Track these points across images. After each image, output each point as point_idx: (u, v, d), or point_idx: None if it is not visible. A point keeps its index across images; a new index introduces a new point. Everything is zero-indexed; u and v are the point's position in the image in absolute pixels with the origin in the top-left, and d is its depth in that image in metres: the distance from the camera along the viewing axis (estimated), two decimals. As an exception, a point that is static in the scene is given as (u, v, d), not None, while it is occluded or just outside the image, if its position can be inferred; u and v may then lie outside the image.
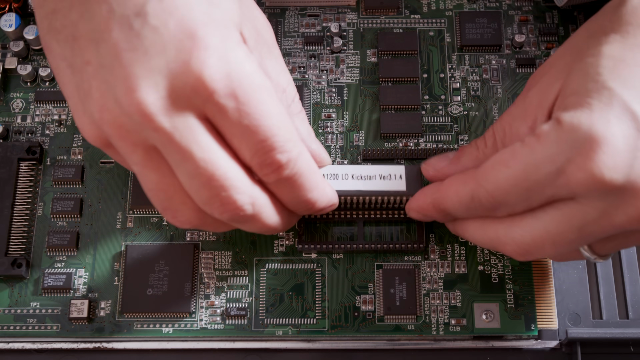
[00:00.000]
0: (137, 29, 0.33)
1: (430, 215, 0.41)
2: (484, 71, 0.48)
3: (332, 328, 0.43)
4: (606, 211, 0.33)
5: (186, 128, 0.33)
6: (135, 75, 0.32)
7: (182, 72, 0.32)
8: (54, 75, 0.36)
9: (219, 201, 0.35)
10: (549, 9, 0.50)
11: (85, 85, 0.34)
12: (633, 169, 0.32)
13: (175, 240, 0.45)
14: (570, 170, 0.33)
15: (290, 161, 0.35)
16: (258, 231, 0.39)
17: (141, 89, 0.32)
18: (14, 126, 0.48)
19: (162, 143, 0.33)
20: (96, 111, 0.34)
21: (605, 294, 0.44)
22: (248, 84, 0.34)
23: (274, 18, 0.50)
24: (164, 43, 0.32)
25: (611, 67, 0.34)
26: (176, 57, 0.32)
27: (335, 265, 0.44)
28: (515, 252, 0.37)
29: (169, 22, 0.33)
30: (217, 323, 0.43)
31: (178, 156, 0.33)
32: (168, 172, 0.35)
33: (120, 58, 0.33)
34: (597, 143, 0.32)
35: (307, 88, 0.48)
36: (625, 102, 0.33)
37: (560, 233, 0.35)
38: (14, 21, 0.49)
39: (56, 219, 0.45)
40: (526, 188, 0.35)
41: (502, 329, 0.43)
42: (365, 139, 0.47)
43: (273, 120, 0.34)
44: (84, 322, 0.43)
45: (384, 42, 0.49)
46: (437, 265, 0.44)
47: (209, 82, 0.33)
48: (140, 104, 0.32)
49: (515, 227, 0.36)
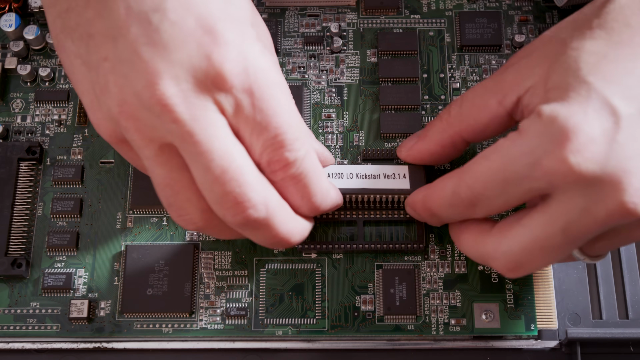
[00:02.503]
0: (155, 24, 0.33)
1: (420, 213, 0.41)
2: (484, 71, 0.48)
3: (332, 328, 0.43)
4: (586, 208, 0.33)
5: (206, 120, 0.34)
6: (155, 68, 0.33)
7: (203, 66, 0.33)
8: (67, 74, 0.37)
9: (233, 198, 0.34)
10: (549, 9, 0.50)
11: (102, 80, 0.34)
12: (610, 160, 0.32)
13: (175, 240, 0.45)
14: (546, 161, 0.33)
15: (297, 160, 0.36)
16: (267, 240, 0.38)
17: (162, 81, 0.33)
18: (14, 126, 0.48)
19: (179, 135, 0.33)
20: (114, 105, 0.34)
21: (605, 294, 0.44)
22: (263, 79, 0.34)
23: (274, 18, 0.50)
24: (183, 37, 0.33)
25: (593, 62, 0.34)
26: (197, 52, 0.33)
27: (335, 265, 0.44)
28: (506, 266, 0.36)
29: (188, 17, 0.33)
30: (217, 323, 0.43)
31: (195, 149, 0.34)
32: (177, 168, 0.35)
33: (139, 52, 0.33)
34: (573, 133, 0.32)
35: (307, 88, 0.48)
36: (604, 96, 0.33)
37: (547, 237, 0.34)
38: (14, 21, 0.49)
39: (56, 219, 0.45)
40: (503, 180, 0.34)
41: (502, 329, 0.43)
42: (365, 139, 0.47)
43: (284, 117, 0.35)
44: (84, 322, 0.43)
45: (384, 42, 0.49)
46: (437, 265, 0.44)
47: (228, 76, 0.33)
48: (161, 96, 0.33)
49: (503, 238, 0.36)
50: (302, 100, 0.47)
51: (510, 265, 0.36)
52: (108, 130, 0.36)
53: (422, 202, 0.40)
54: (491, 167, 0.35)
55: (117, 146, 0.37)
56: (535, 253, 0.35)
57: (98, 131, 0.37)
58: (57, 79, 0.49)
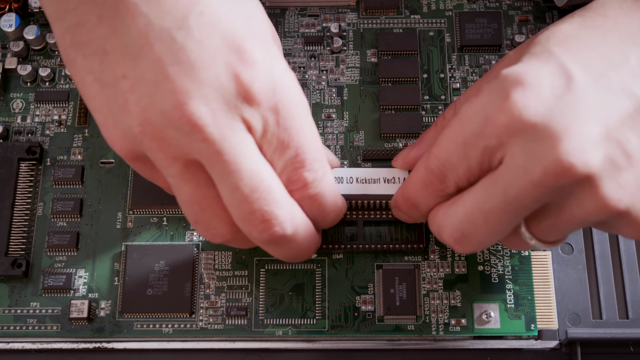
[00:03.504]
0: (180, 42, 0.32)
1: (402, 208, 0.40)
2: (484, 71, 0.48)
3: (332, 328, 0.43)
4: (525, 166, 0.32)
5: (235, 139, 0.33)
6: (183, 88, 0.32)
7: (232, 86, 0.33)
8: (77, 88, 0.36)
9: (260, 216, 0.34)
10: (549, 9, 0.50)
11: (120, 99, 0.34)
12: (554, 115, 0.31)
13: (175, 241, 0.45)
14: (494, 113, 0.32)
15: (315, 180, 0.36)
16: (287, 255, 0.38)
17: (191, 101, 0.32)
18: (14, 126, 0.48)
19: (208, 155, 0.33)
20: (136, 125, 0.33)
21: (605, 294, 0.44)
22: (289, 98, 0.34)
23: (274, 18, 0.50)
24: (211, 56, 0.33)
25: (562, 38, 0.34)
26: (225, 71, 0.33)
27: (335, 265, 0.44)
28: (452, 236, 0.35)
29: (214, 35, 0.33)
30: (217, 323, 0.43)
31: (224, 168, 0.33)
32: (204, 185, 0.35)
33: (165, 72, 0.32)
34: (521, 84, 0.32)
35: (307, 88, 0.48)
36: (562, 62, 0.33)
37: (487, 200, 0.33)
38: (14, 21, 0.49)
39: (56, 219, 0.45)
40: (463, 142, 0.34)
41: (502, 329, 0.43)
42: (365, 139, 0.47)
43: (307, 138, 0.35)
44: (84, 322, 0.43)
45: (384, 42, 0.49)
46: (437, 266, 0.44)
47: (257, 95, 0.33)
48: (191, 116, 0.32)
49: (452, 206, 0.35)
50: (302, 101, 0.47)
51: (455, 235, 0.35)
52: (125, 148, 0.35)
53: (401, 195, 0.39)
54: (452, 131, 0.35)
55: (133, 162, 0.37)
56: (477, 220, 0.34)
57: (113, 148, 0.36)
58: (57, 79, 0.49)
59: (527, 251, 0.44)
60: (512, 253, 0.44)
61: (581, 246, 0.45)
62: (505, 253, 0.44)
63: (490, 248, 0.44)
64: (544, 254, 0.44)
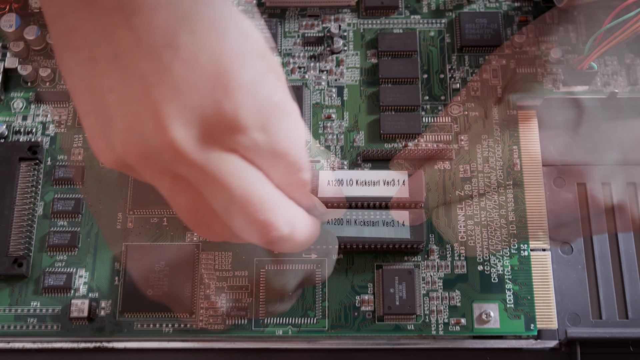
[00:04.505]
0: (166, 62, 0.32)
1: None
2: (484, 71, 0.48)
3: (332, 328, 0.43)
4: None
5: (220, 160, 0.33)
6: (165, 112, 0.31)
7: (216, 112, 0.32)
8: (69, 93, 0.35)
9: (258, 224, 0.34)
10: (549, 9, 0.50)
11: (106, 112, 0.33)
12: None
13: (175, 241, 0.45)
14: None
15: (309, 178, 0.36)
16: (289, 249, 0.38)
17: (173, 127, 0.31)
18: (14, 126, 0.48)
19: (194, 177, 0.33)
20: (119, 143, 0.33)
21: (605, 294, 0.44)
22: (277, 114, 0.34)
23: (274, 18, 0.50)
24: (195, 79, 0.32)
25: None
26: (210, 96, 0.32)
27: (335, 265, 0.44)
28: None
29: (201, 56, 0.32)
30: (217, 323, 0.43)
31: (212, 188, 0.33)
32: (197, 193, 0.34)
33: (149, 93, 0.32)
34: None
35: (307, 88, 0.48)
36: None
37: None
38: (14, 21, 0.49)
39: (56, 219, 0.45)
40: None
41: (501, 329, 0.43)
42: (365, 139, 0.47)
43: (297, 142, 0.35)
44: (84, 322, 0.43)
45: (384, 42, 0.49)
46: (436, 266, 0.44)
47: (243, 120, 0.32)
48: (172, 142, 0.32)
49: None
50: (302, 101, 0.47)
51: None
52: (110, 159, 0.35)
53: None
54: None
55: (122, 170, 0.36)
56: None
57: (98, 158, 0.35)
58: (57, 80, 0.49)
59: (527, 251, 0.44)
60: (511, 253, 0.44)
61: (581, 246, 0.45)
62: (505, 253, 0.44)
63: (490, 248, 0.44)
64: (544, 254, 0.44)
